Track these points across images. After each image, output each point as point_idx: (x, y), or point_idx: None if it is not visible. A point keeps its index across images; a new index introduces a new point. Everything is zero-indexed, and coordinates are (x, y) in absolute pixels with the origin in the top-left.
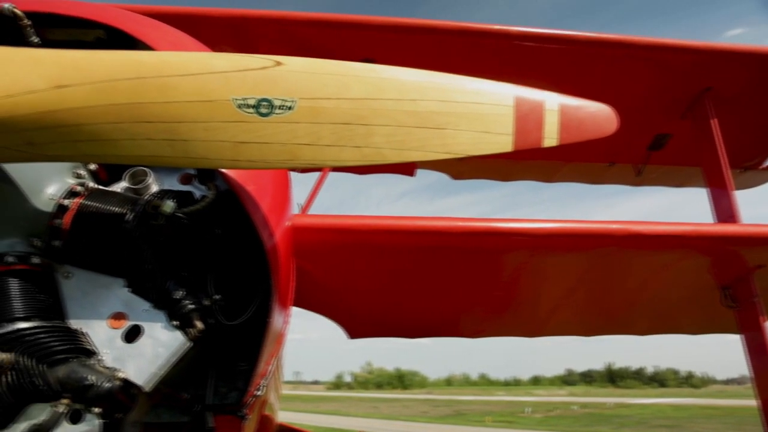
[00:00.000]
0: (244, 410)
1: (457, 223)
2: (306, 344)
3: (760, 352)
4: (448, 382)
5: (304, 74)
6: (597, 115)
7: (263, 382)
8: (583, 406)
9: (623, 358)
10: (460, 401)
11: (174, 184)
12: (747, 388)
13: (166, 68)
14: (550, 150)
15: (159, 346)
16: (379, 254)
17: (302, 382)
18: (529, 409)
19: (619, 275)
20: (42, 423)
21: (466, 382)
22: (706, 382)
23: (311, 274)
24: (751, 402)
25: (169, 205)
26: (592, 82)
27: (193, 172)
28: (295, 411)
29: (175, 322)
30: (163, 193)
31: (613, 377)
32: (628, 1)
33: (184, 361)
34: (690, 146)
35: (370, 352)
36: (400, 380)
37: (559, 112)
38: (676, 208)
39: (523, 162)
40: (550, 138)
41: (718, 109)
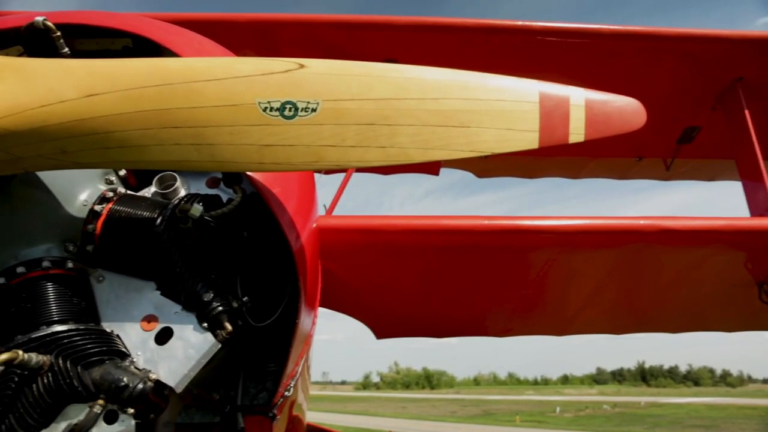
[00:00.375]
0: (274, 410)
1: (483, 222)
2: (333, 345)
3: None
4: (476, 382)
5: (327, 76)
6: (624, 110)
7: (292, 383)
8: (615, 405)
9: (655, 356)
10: (488, 401)
11: (201, 187)
12: None
13: (191, 74)
14: (577, 146)
15: (189, 347)
16: (404, 254)
17: (330, 383)
18: (559, 409)
19: (650, 272)
20: (79, 423)
21: (494, 382)
22: (744, 381)
23: (337, 275)
24: None
25: (197, 209)
26: (619, 75)
27: (220, 176)
28: (323, 411)
29: (204, 324)
30: (191, 197)
31: (645, 376)
32: None
33: (214, 362)
34: (721, 138)
35: (397, 352)
36: (428, 380)
37: (585, 107)
38: (708, 202)
39: (549, 159)
40: (577, 134)
41: (750, 100)
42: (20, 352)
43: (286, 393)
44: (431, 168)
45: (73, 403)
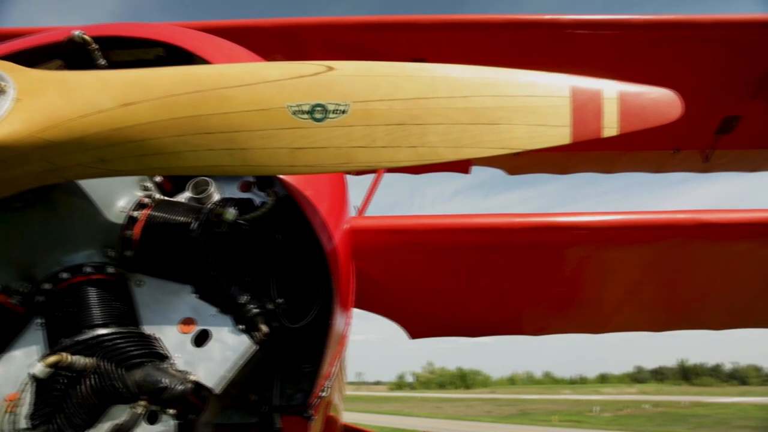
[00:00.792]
0: (310, 411)
1: (515, 219)
2: (367, 345)
3: None
4: (512, 381)
5: (356, 78)
6: (659, 101)
7: (327, 384)
8: (656, 404)
9: (698, 354)
10: (524, 400)
11: (234, 192)
12: None
13: (222, 80)
14: (610, 140)
15: (227, 349)
16: (437, 253)
17: (364, 383)
18: (597, 408)
19: (690, 267)
20: (123, 423)
21: (530, 381)
22: None
23: (371, 276)
24: None
25: (231, 213)
26: (653, 66)
27: (253, 180)
28: (358, 411)
29: (241, 326)
30: (225, 202)
31: (688, 374)
32: None
33: (251, 363)
34: (763, 127)
35: (431, 352)
36: (463, 380)
37: (618, 100)
38: (749, 194)
39: (582, 153)
40: (610, 127)
41: None
42: (66, 355)
43: (322, 393)
44: (462, 166)
45: (117, 403)
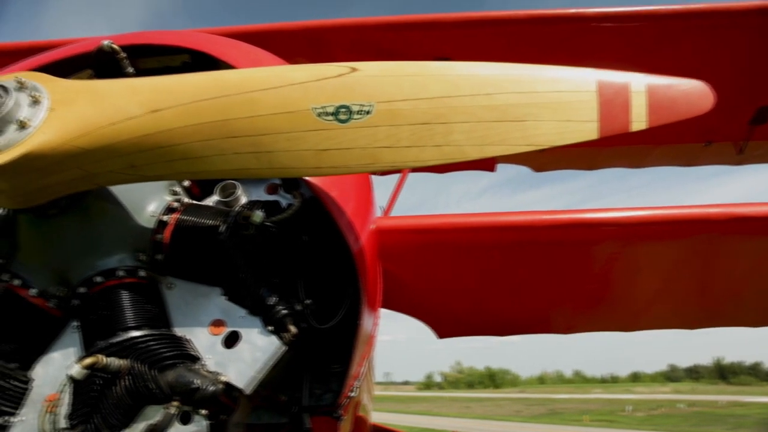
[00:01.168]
0: (339, 411)
1: (542, 217)
2: (395, 345)
3: None
4: (541, 381)
5: (379, 78)
6: (690, 93)
7: (356, 384)
8: (691, 404)
9: (735, 352)
10: (554, 400)
11: (261, 194)
12: None
13: (248, 84)
14: (639, 134)
15: (256, 350)
16: (463, 252)
17: (393, 383)
18: (629, 408)
19: (723, 263)
20: (157, 423)
21: (560, 380)
22: None
23: (397, 276)
24: None
25: (258, 215)
26: (682, 57)
27: (279, 182)
28: (387, 411)
29: (270, 328)
30: (252, 204)
31: (724, 373)
32: None
33: (280, 364)
34: None
35: (459, 352)
36: (491, 379)
37: (646, 93)
38: None
39: (609, 149)
40: (639, 121)
41: None
42: (102, 357)
43: (351, 394)
44: (487, 164)
45: (151, 404)
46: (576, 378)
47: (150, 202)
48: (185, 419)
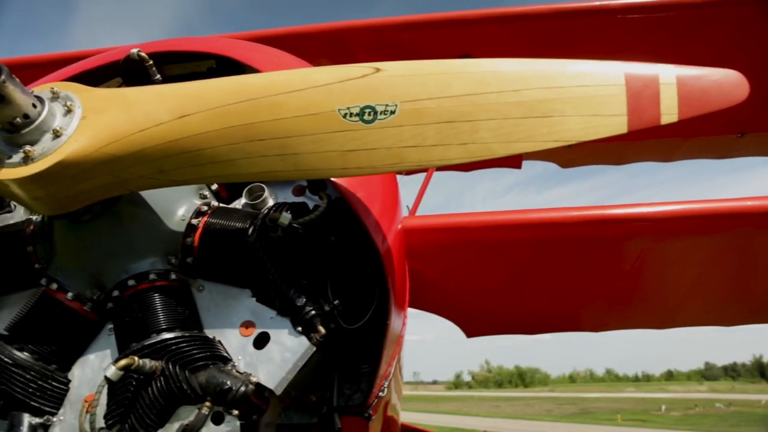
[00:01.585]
0: (369, 411)
1: (571, 213)
2: (423, 345)
3: None
4: (572, 379)
5: (403, 77)
6: (722, 83)
7: (385, 384)
8: (729, 403)
9: None
10: (585, 399)
11: (288, 196)
12: None
13: (273, 87)
14: (669, 127)
15: (286, 351)
16: (491, 250)
17: (421, 383)
18: (664, 407)
19: (761, 257)
20: (190, 423)
21: (591, 379)
22: None
23: (425, 275)
24: None
25: (286, 217)
26: (714, 47)
27: (305, 184)
28: (416, 411)
29: (299, 328)
30: (279, 206)
31: (765, 371)
32: None
33: (310, 365)
34: None
35: (488, 351)
36: (521, 378)
37: (676, 84)
38: None
39: (638, 143)
40: (669, 114)
41: None
42: (136, 358)
43: (381, 393)
44: (513, 161)
45: (184, 404)
46: (608, 376)
47: (180, 206)
48: (218, 419)
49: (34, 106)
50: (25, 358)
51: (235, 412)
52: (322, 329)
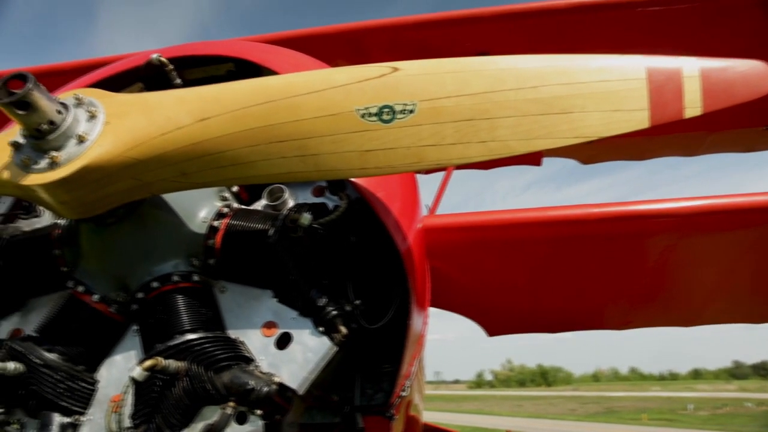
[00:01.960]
0: (391, 410)
1: (592, 210)
2: (444, 344)
3: None
4: (596, 378)
5: (421, 76)
6: (748, 75)
7: (407, 383)
8: (760, 403)
9: None
10: (610, 398)
11: (308, 197)
12: None
13: (291, 89)
14: (692, 120)
15: (308, 351)
16: (512, 248)
17: (443, 382)
18: (691, 406)
19: None
20: (215, 423)
21: (616, 378)
22: None
23: (446, 274)
24: None
25: (306, 218)
26: (739, 37)
27: (325, 184)
28: (438, 411)
29: (320, 329)
30: (299, 207)
31: None
32: None
33: (332, 364)
34: None
35: (510, 349)
36: (544, 377)
37: (700, 77)
38: None
39: (661, 137)
40: (693, 107)
41: None
42: (160, 359)
43: (403, 393)
44: (533, 159)
45: (208, 404)
46: (632, 375)
47: (201, 209)
48: (241, 419)
49: (59, 113)
50: (54, 358)
51: (259, 412)
52: (344, 329)
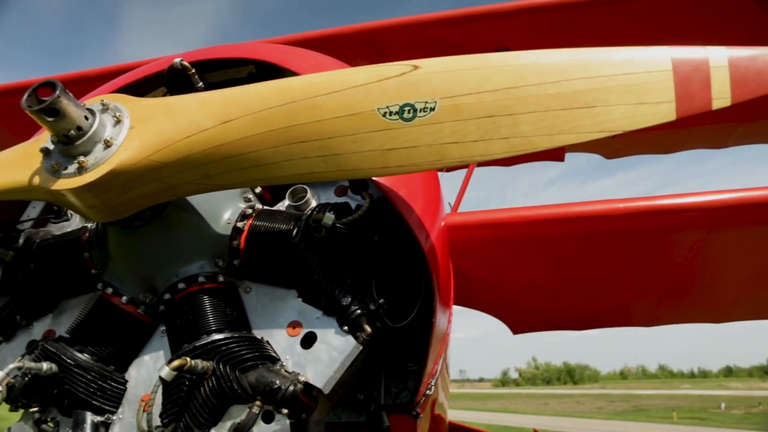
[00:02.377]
0: (417, 409)
1: (618, 205)
2: (468, 342)
3: None
4: (623, 376)
5: (441, 74)
6: None
7: (432, 382)
8: None
9: None
10: (638, 396)
11: (331, 197)
12: None
13: (312, 89)
14: (720, 112)
15: (333, 350)
16: (536, 245)
17: (468, 380)
18: (724, 405)
19: None
20: (242, 422)
21: (644, 375)
22: None
23: (470, 272)
24: None
25: (329, 218)
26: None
27: (347, 184)
28: (462, 409)
29: (345, 328)
30: (322, 207)
31: None
32: None
33: (357, 363)
34: None
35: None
36: (570, 375)
37: (728, 67)
38: None
39: (687, 130)
40: (721, 98)
41: None
42: (188, 359)
43: (428, 392)
44: (556, 154)
45: (235, 404)
46: (661, 373)
47: (225, 210)
48: (268, 418)
49: (86, 119)
50: (85, 359)
51: (285, 411)
52: (368, 328)
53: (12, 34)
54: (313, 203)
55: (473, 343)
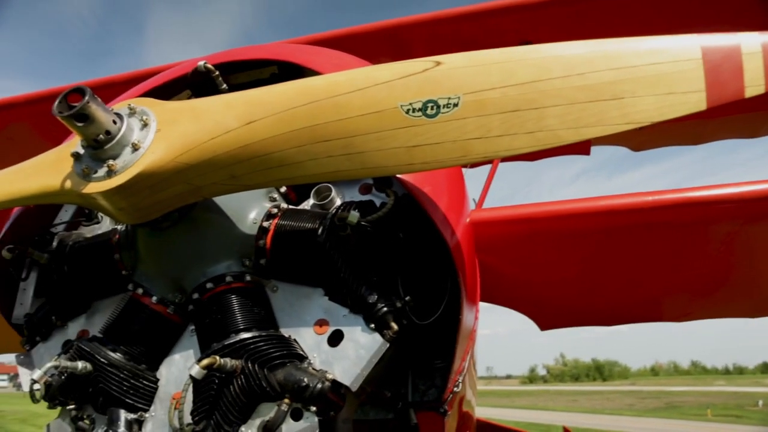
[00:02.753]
0: (444, 406)
1: (646, 198)
2: (495, 339)
3: None
4: (654, 372)
5: (465, 69)
6: None
7: (460, 379)
8: None
9: None
10: (670, 392)
11: (355, 195)
12: None
13: (335, 88)
14: (753, 100)
15: (360, 348)
16: (563, 240)
17: (495, 377)
18: (761, 402)
19: None
20: (271, 420)
21: (676, 371)
22: None
23: (496, 268)
24: None
25: (354, 216)
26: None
27: (372, 182)
28: (490, 406)
29: (372, 325)
30: (347, 205)
31: None
32: None
33: (384, 361)
34: None
35: (563, 343)
36: (599, 371)
37: (762, 53)
38: None
39: (718, 120)
40: (754, 86)
41: None
42: (217, 358)
43: (455, 389)
44: (582, 147)
45: (264, 401)
46: (694, 369)
47: (251, 210)
48: (297, 416)
49: (115, 123)
50: (118, 358)
51: (313, 409)
52: (395, 325)
53: (44, 44)
54: (338, 202)
55: (500, 340)
